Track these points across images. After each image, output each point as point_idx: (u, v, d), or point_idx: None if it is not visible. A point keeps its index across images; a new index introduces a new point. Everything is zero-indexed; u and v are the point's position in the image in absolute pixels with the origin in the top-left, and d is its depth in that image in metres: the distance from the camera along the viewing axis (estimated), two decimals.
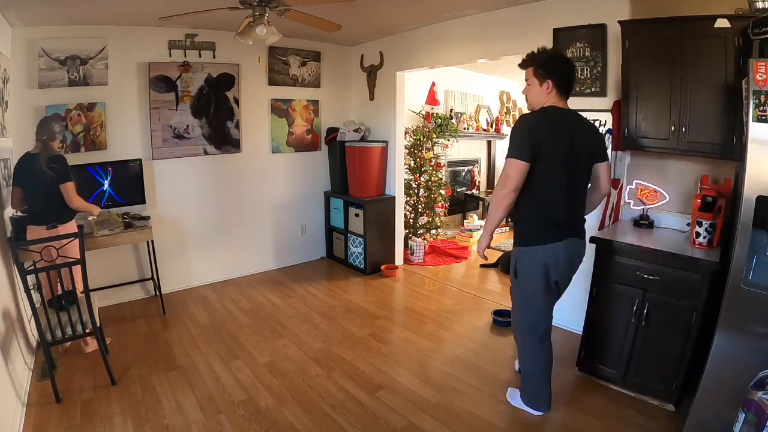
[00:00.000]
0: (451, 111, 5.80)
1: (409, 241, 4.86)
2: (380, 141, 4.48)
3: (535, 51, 2.02)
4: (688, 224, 2.45)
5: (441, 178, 5.08)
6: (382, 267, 4.48)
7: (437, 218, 5.03)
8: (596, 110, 2.85)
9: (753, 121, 1.62)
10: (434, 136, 4.99)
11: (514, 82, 7.05)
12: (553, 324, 2.20)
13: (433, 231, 5.07)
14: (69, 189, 2.65)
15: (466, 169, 6.53)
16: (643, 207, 2.66)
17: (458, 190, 6.29)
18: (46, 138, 2.62)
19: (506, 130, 6.92)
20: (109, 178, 3.38)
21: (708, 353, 1.82)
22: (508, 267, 4.38)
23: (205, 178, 4.07)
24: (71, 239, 2.41)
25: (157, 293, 3.62)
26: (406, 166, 4.84)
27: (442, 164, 5.22)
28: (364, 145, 4.36)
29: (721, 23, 2.05)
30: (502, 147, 7.03)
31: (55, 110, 3.20)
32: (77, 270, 2.44)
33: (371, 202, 4.38)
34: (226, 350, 2.95)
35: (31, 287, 2.31)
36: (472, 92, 6.28)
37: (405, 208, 4.87)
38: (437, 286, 4.21)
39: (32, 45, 3.10)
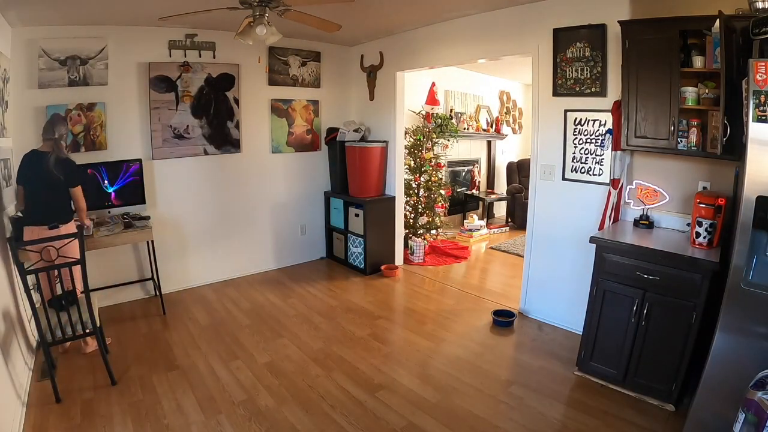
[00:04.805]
0: (451, 111, 5.81)
1: (409, 241, 4.86)
2: (380, 141, 4.48)
3: None
4: (688, 224, 2.45)
5: (441, 178, 5.08)
6: (382, 267, 4.48)
7: (437, 218, 5.03)
8: (596, 110, 2.86)
9: (753, 121, 1.62)
10: (434, 136, 5.00)
11: (514, 83, 7.06)
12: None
13: (433, 231, 5.07)
14: (79, 192, 2.72)
15: (466, 169, 6.53)
16: (643, 207, 2.66)
17: (458, 190, 6.29)
18: (57, 137, 2.62)
19: (506, 130, 6.93)
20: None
21: (708, 353, 1.83)
22: None
23: (205, 178, 4.07)
24: (71, 239, 2.41)
25: (157, 293, 3.62)
26: (406, 166, 4.84)
27: (442, 164, 5.21)
28: (364, 145, 4.36)
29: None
30: (502, 147, 7.05)
31: (55, 110, 3.19)
32: (77, 270, 2.43)
33: (371, 202, 4.38)
34: (226, 350, 2.95)
35: (31, 287, 2.31)
36: (472, 92, 6.28)
37: (405, 208, 4.86)
38: (437, 286, 4.21)
39: (32, 45, 3.10)
